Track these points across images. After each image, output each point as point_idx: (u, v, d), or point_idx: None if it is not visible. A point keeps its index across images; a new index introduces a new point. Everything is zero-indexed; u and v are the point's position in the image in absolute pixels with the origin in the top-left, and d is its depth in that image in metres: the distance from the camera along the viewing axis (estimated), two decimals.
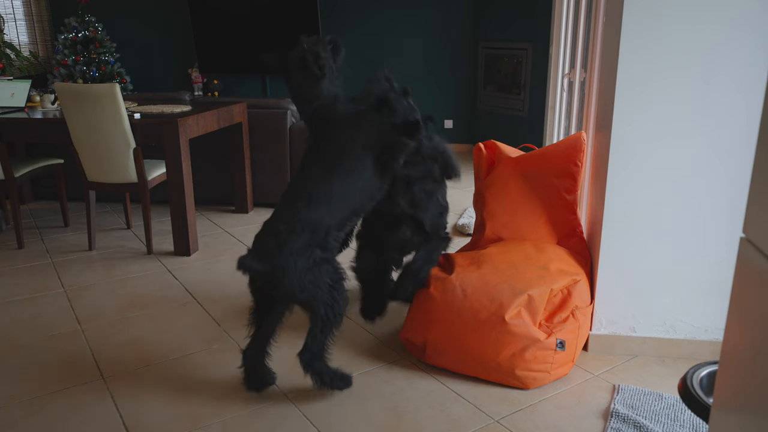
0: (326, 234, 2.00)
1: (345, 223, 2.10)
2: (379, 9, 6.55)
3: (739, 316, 0.94)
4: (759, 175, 0.86)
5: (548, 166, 2.59)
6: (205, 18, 6.71)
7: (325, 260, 1.99)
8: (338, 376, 2.12)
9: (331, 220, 2.02)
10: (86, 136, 3.36)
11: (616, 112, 2.17)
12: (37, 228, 4.06)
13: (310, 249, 1.94)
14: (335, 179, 2.05)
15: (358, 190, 2.09)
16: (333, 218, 2.02)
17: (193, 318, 2.75)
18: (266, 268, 1.91)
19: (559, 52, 3.76)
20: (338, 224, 2.05)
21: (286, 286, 1.93)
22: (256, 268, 1.91)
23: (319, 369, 2.06)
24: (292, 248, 1.91)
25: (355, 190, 2.09)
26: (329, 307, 1.98)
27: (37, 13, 6.68)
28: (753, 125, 2.10)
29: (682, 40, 2.06)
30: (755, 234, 0.88)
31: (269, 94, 7.00)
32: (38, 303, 2.92)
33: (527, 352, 2.10)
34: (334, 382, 2.10)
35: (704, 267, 2.26)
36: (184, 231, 3.50)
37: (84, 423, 1.99)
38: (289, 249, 1.91)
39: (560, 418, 2.00)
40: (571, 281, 2.27)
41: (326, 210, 2.00)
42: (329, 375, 2.09)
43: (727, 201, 2.18)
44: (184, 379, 2.25)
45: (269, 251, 1.92)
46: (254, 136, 4.31)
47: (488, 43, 6.23)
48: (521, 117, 5.94)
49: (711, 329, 2.33)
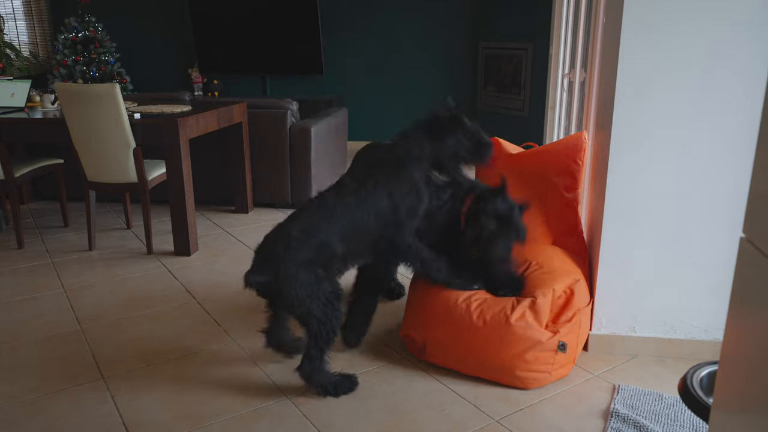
0: (332, 258, 2.05)
1: (355, 257, 2.18)
2: (379, 9, 6.55)
3: (739, 316, 0.94)
4: (759, 175, 0.86)
5: (548, 163, 2.58)
6: (205, 18, 6.71)
7: (326, 279, 2.03)
8: (341, 382, 2.13)
9: (341, 249, 2.06)
10: (86, 136, 3.36)
11: (616, 112, 2.17)
12: (37, 228, 4.06)
13: (314, 265, 1.99)
14: (363, 212, 2.09)
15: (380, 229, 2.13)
16: (344, 247, 2.07)
17: (193, 318, 2.75)
18: (269, 278, 1.98)
19: (559, 52, 3.76)
20: (347, 254, 2.11)
21: (285, 297, 1.98)
22: (260, 281, 1.99)
23: (319, 381, 2.08)
24: (298, 259, 1.96)
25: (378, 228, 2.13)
26: (322, 324, 2.01)
27: (37, 13, 6.68)
28: (754, 125, 2.10)
29: (682, 39, 2.06)
30: (755, 234, 0.88)
31: (269, 94, 7.00)
32: (38, 303, 2.92)
33: (529, 354, 2.10)
34: (338, 388, 2.12)
35: (704, 267, 2.26)
36: (184, 231, 3.50)
37: (84, 423, 1.99)
38: (295, 259, 1.96)
39: (560, 418, 2.00)
40: (572, 280, 2.27)
41: (340, 237, 2.05)
42: (332, 384, 2.10)
43: (728, 201, 2.18)
44: (184, 379, 2.25)
45: (275, 257, 1.97)
46: (254, 136, 4.31)
47: (488, 43, 6.23)
48: (521, 117, 5.93)
49: (711, 329, 2.33)
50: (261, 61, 6.79)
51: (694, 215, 2.21)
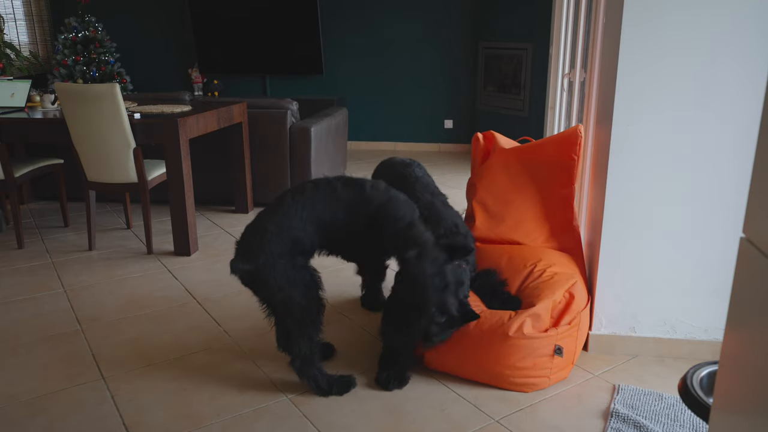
0: (307, 250, 2.10)
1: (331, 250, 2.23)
2: (379, 9, 6.55)
3: (739, 316, 0.94)
4: (759, 175, 0.86)
5: (542, 158, 2.56)
6: (205, 18, 6.71)
7: (304, 267, 2.07)
8: (337, 381, 2.13)
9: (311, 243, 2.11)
10: (86, 136, 3.36)
11: (616, 112, 2.17)
12: (37, 228, 4.06)
13: (291, 255, 2.03)
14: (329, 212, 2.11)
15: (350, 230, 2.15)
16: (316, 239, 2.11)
17: (193, 318, 2.75)
18: (251, 267, 2.02)
19: (559, 52, 3.75)
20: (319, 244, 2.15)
21: (267, 283, 2.02)
22: (243, 268, 2.03)
23: (312, 375, 2.09)
24: (274, 250, 2.00)
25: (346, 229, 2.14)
26: (305, 310, 2.03)
27: (37, 13, 6.68)
28: (754, 125, 2.10)
29: (682, 40, 2.06)
30: (755, 234, 0.87)
31: (269, 94, 7.00)
32: (38, 303, 2.92)
33: (527, 360, 2.09)
34: (332, 387, 2.12)
35: (705, 267, 2.26)
36: (184, 231, 3.50)
37: (84, 423, 1.99)
38: (272, 250, 2.00)
39: (560, 418, 2.00)
40: (571, 283, 2.25)
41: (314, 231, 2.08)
42: (326, 380, 2.11)
43: (728, 201, 2.18)
44: (184, 379, 2.25)
45: (253, 250, 2.02)
46: (254, 136, 4.31)
47: (488, 43, 6.24)
48: (521, 117, 5.93)
49: (711, 329, 2.33)
50: (261, 61, 6.80)
51: (694, 215, 2.21)
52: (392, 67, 6.70)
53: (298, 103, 4.47)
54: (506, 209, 2.60)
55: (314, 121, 4.45)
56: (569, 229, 2.52)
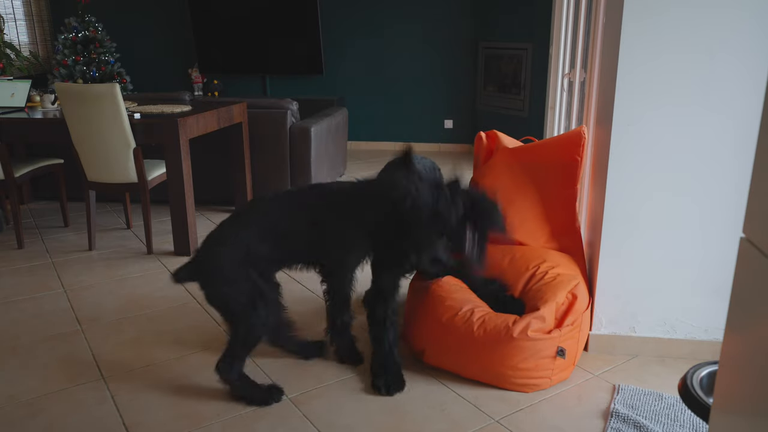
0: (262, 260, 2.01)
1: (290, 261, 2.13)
2: (379, 9, 6.55)
3: (739, 316, 0.94)
4: (759, 175, 0.86)
5: (545, 158, 2.55)
6: (205, 18, 6.71)
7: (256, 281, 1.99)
8: (258, 389, 2.08)
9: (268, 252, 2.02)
10: (86, 136, 3.36)
11: (616, 112, 2.17)
12: (37, 228, 4.06)
13: (245, 265, 1.97)
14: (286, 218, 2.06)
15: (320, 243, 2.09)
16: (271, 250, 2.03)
17: (193, 318, 2.75)
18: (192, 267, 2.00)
19: (559, 52, 3.75)
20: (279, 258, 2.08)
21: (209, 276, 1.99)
22: (183, 277, 2.02)
23: (230, 379, 2.05)
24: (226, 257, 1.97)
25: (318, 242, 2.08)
26: (239, 322, 1.99)
27: (37, 13, 6.68)
28: (754, 125, 2.10)
29: (682, 39, 2.06)
30: (755, 234, 0.88)
31: (269, 94, 7.00)
32: (38, 303, 2.92)
33: (530, 362, 2.09)
34: (254, 395, 2.07)
35: (705, 267, 2.26)
36: (184, 231, 3.50)
37: (84, 423, 1.99)
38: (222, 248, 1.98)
39: (560, 418, 2.00)
40: (574, 285, 2.25)
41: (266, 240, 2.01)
42: (246, 387, 2.07)
43: (728, 201, 2.18)
44: (184, 379, 2.25)
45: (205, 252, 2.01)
46: (254, 136, 4.31)
47: (488, 43, 6.24)
48: (521, 117, 5.94)
49: (711, 329, 2.33)
50: (261, 61, 6.79)
51: (694, 215, 2.22)
52: (392, 67, 6.69)
53: (298, 103, 4.47)
54: (508, 209, 2.60)
55: (314, 121, 4.45)
56: (571, 231, 2.52)
